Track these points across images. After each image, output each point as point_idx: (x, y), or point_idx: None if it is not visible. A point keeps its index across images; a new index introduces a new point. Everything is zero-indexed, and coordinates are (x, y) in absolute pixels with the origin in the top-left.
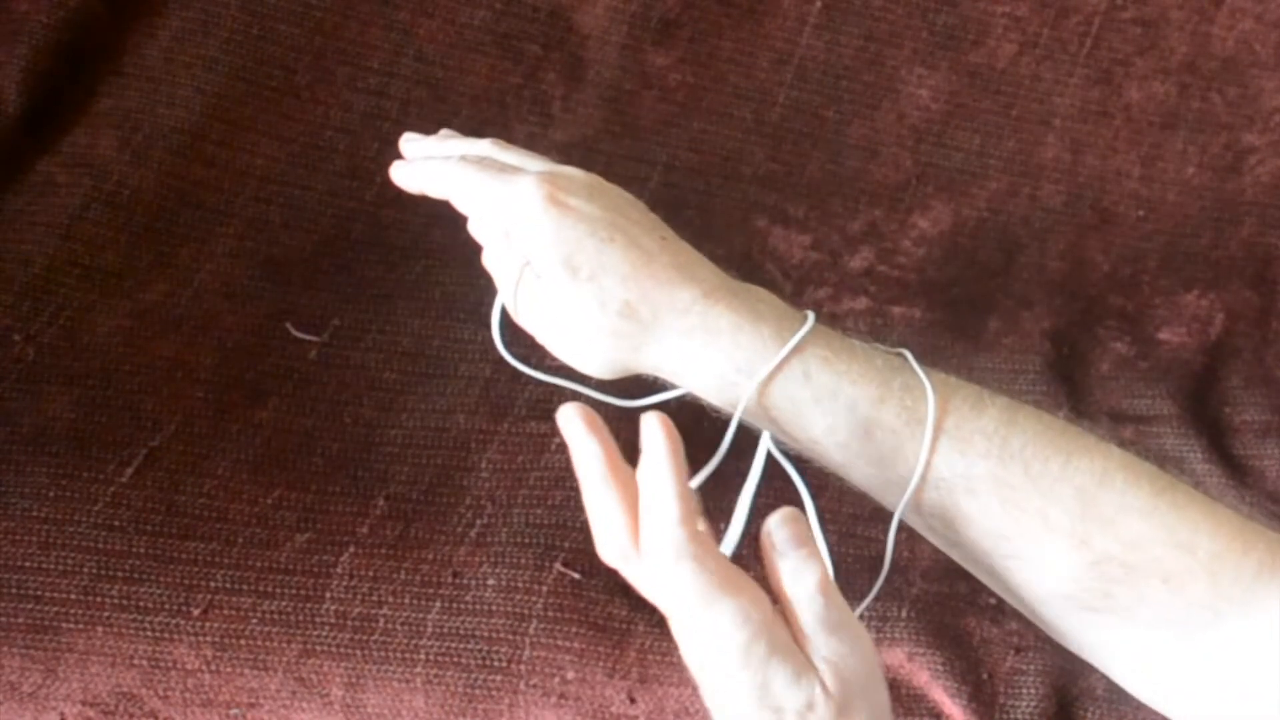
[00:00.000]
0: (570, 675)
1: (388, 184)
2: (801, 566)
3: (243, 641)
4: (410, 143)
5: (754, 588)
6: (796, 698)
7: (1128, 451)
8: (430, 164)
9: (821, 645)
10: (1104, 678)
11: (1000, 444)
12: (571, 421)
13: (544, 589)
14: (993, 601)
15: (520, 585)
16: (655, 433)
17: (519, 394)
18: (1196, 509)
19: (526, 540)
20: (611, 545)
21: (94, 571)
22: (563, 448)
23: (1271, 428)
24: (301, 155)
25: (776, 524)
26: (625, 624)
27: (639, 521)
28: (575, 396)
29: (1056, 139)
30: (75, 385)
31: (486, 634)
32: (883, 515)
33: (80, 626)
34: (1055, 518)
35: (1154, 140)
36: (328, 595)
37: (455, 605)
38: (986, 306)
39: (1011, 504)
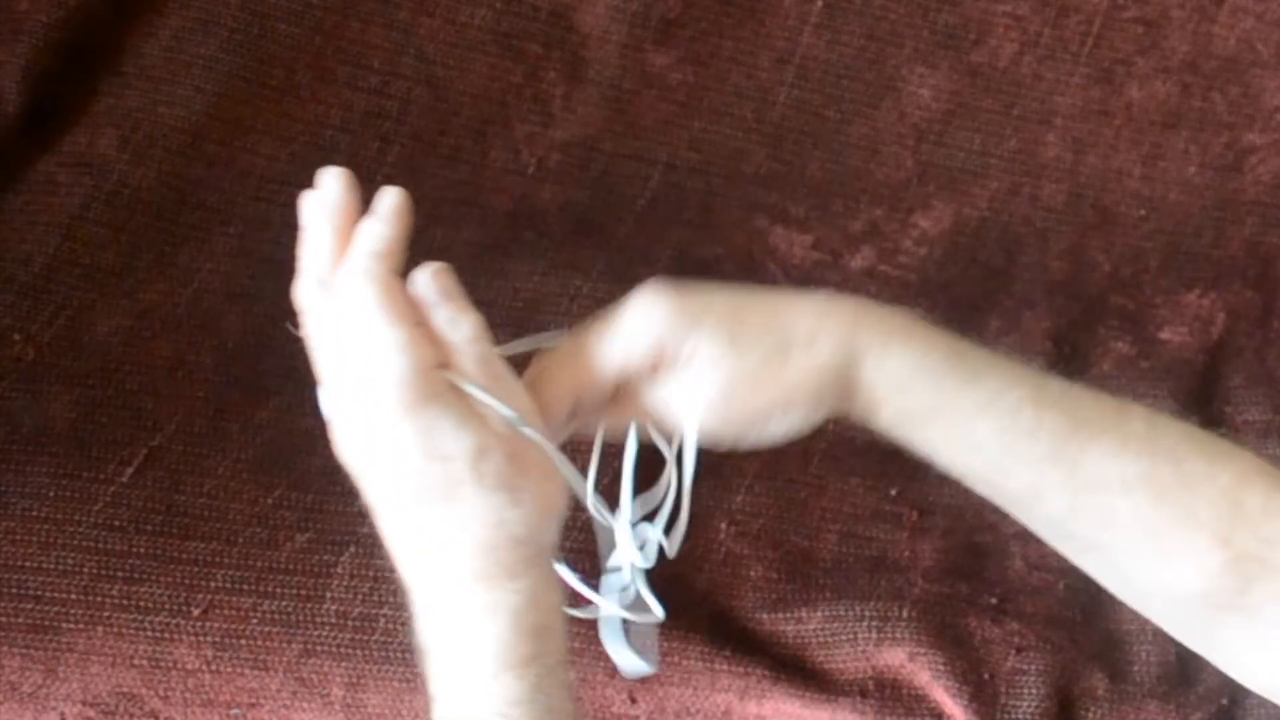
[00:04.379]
0: (571, 675)
1: (388, 183)
2: (456, 316)
3: (243, 641)
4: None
5: (423, 331)
6: (464, 442)
7: (1259, 457)
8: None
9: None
10: (1105, 678)
11: (1151, 444)
12: (328, 177)
13: None
14: (993, 602)
15: None
16: (389, 196)
17: None
18: None
19: None
20: (314, 270)
21: (94, 571)
22: (563, 447)
23: (1273, 427)
24: (302, 155)
25: (425, 278)
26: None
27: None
28: None
29: (1058, 138)
30: (75, 385)
31: None
32: (883, 515)
33: (80, 626)
34: (1203, 514)
35: (1155, 140)
36: (328, 595)
37: None
38: (987, 306)
39: (1163, 501)
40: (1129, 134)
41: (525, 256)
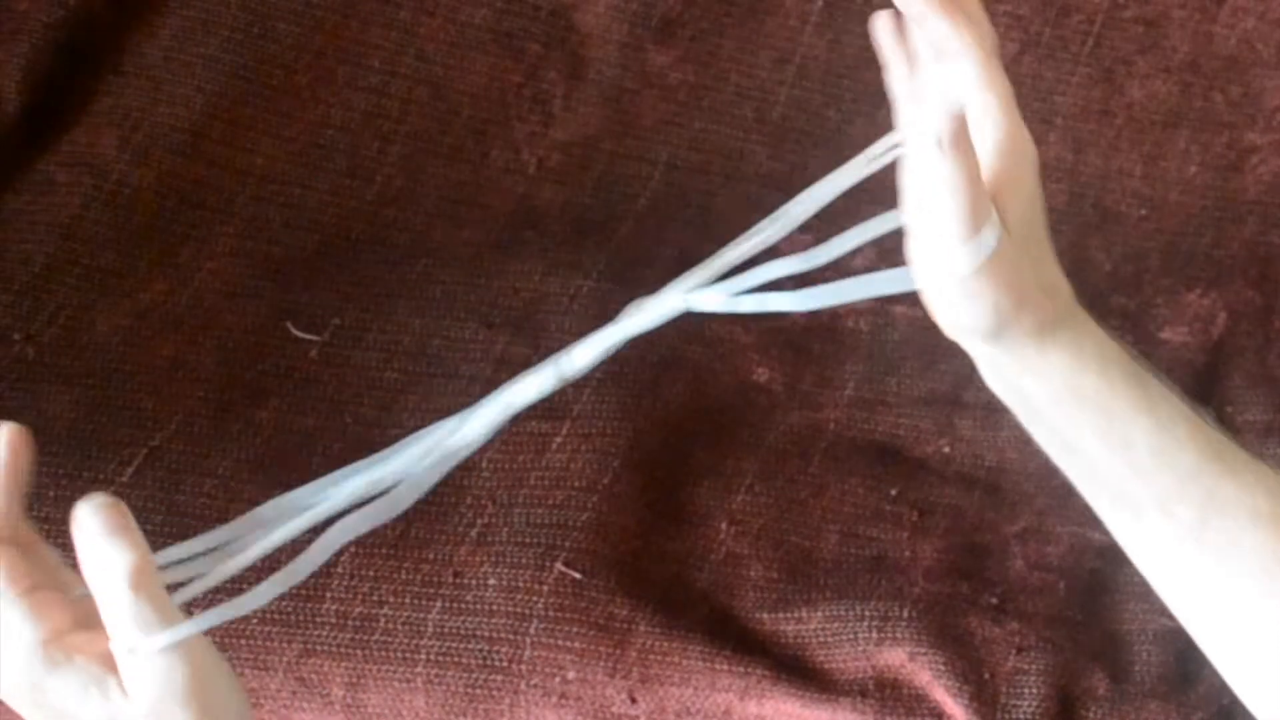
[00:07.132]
0: (571, 675)
1: (388, 183)
2: (113, 556)
3: (243, 641)
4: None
5: (38, 600)
6: (93, 712)
7: None
8: None
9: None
10: (1105, 678)
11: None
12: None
13: (545, 589)
14: (994, 602)
15: (521, 585)
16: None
17: None
18: None
19: (527, 540)
20: None
21: None
22: (564, 447)
23: (1274, 427)
24: (301, 155)
25: (87, 513)
26: (626, 624)
27: None
28: None
29: (1058, 138)
30: (75, 385)
31: (487, 634)
32: (883, 515)
33: None
34: None
35: (1156, 139)
36: (328, 595)
37: (456, 605)
38: None
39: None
40: (1129, 134)
41: (525, 256)
